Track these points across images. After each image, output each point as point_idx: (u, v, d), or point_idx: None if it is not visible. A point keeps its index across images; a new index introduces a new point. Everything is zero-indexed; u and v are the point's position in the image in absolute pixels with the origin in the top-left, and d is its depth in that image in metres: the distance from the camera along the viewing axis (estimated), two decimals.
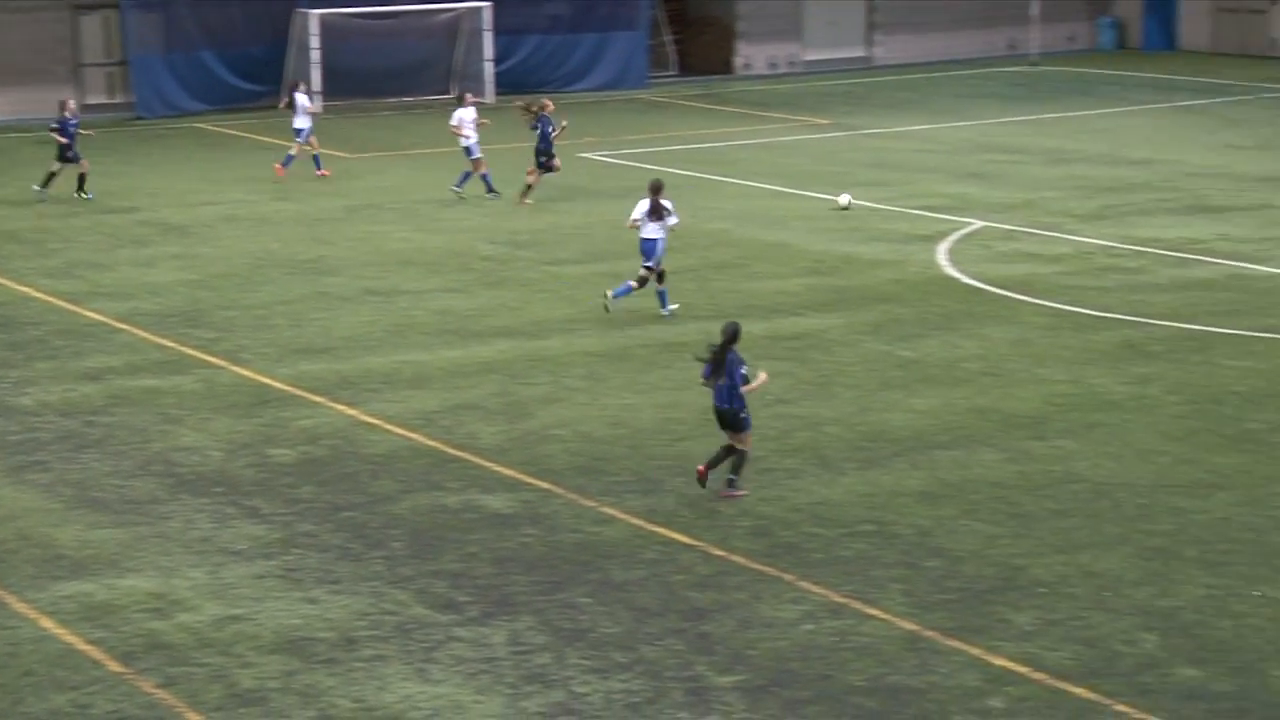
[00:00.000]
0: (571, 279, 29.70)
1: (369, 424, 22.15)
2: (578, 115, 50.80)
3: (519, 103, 38.26)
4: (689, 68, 59.85)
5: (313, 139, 39.85)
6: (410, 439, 21.52)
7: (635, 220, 27.05)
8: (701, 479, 19.23)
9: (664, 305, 27.10)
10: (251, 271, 30.63)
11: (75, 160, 37.08)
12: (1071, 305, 27.43)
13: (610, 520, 18.72)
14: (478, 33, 53.59)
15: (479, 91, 52.96)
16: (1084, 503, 18.92)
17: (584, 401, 22.92)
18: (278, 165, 39.70)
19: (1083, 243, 32.19)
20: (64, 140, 37.07)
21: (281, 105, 42.01)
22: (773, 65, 60.35)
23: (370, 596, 16.83)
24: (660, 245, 26.87)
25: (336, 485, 19.98)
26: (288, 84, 41.25)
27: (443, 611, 16.45)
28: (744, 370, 19.13)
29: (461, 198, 36.85)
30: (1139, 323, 26.36)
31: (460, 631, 16.01)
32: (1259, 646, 15.29)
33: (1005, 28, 63.15)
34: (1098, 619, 15.95)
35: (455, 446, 21.19)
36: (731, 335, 19.23)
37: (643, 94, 55.04)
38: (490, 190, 37.06)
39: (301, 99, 39.96)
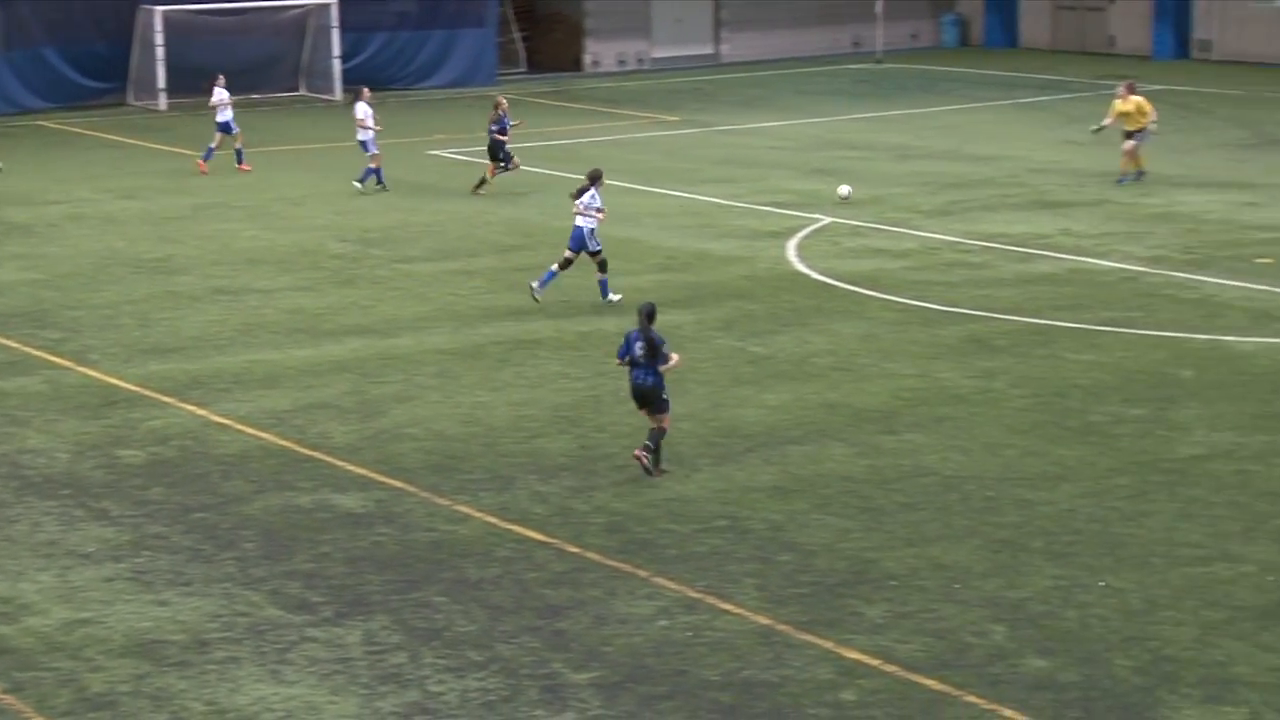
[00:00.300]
0: (423, 277, 29.61)
1: (220, 424, 21.95)
2: (427, 113, 50.65)
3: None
4: (538, 65, 59.87)
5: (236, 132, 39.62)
6: (262, 439, 21.36)
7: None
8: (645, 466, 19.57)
9: (604, 295, 27.49)
10: (97, 271, 30.23)
11: None
12: (919, 300, 27.76)
13: (464, 518, 18.70)
14: (325, 29, 53.24)
15: (328, 89, 52.69)
16: (933, 496, 19.17)
17: (437, 400, 22.87)
18: (200, 160, 39.49)
19: (929, 238, 32.59)
20: None
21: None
22: (621, 62, 60.51)
23: (222, 598, 16.69)
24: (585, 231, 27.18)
25: (187, 486, 19.79)
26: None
27: (296, 612, 16.35)
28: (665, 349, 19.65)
29: (362, 192, 36.73)
30: (984, 317, 26.73)
31: (314, 632, 15.92)
32: (1104, 636, 15.57)
33: (850, 25, 63.77)
34: (948, 611, 16.16)
35: (307, 446, 21.05)
36: (649, 315, 19.66)
37: (492, 91, 54.88)
38: (380, 183, 37.15)
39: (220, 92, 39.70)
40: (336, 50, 53.06)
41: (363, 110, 37.57)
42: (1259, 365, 24.00)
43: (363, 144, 37.54)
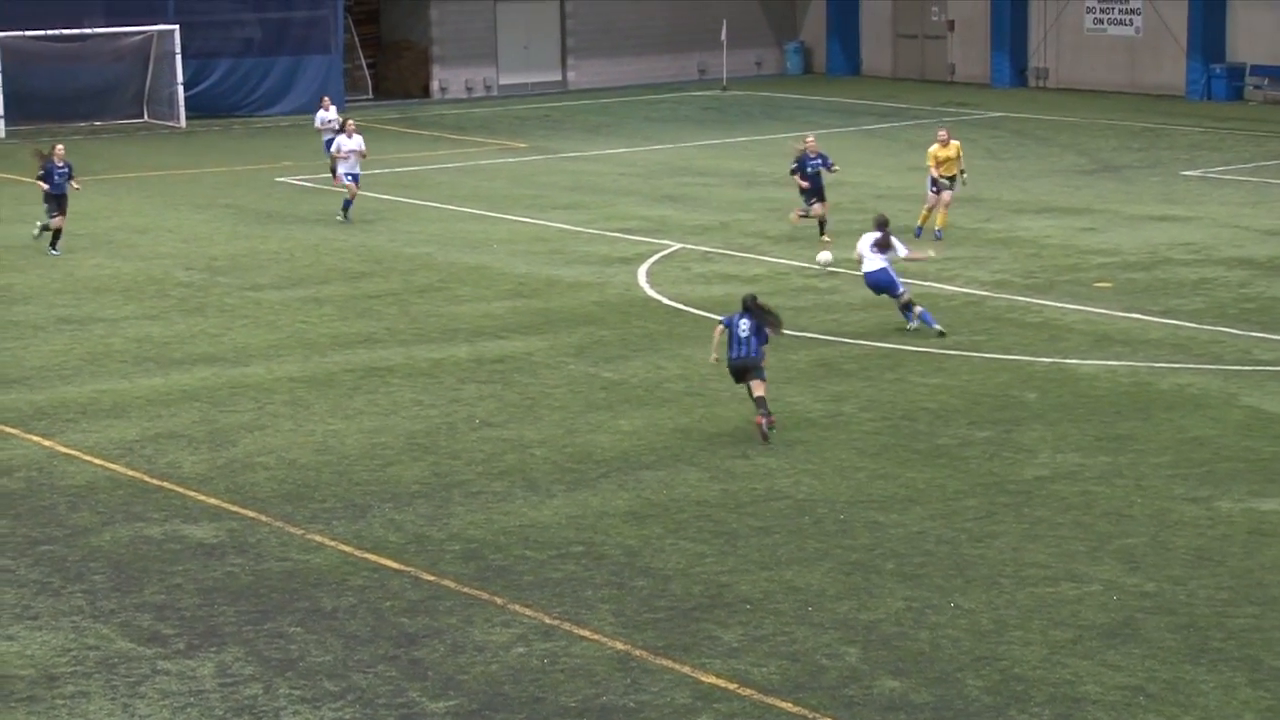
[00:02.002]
0: (271, 305, 29.40)
1: (66, 455, 21.65)
2: (273, 140, 50.30)
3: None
4: (385, 92, 59.71)
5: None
6: (110, 469, 21.09)
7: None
8: (764, 430, 21.64)
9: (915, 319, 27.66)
10: None
11: None
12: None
13: (318, 547, 18.58)
14: (168, 56, 52.73)
15: (172, 115, 52.16)
16: (786, 519, 19.33)
17: (289, 428, 22.71)
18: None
19: (777, 264, 32.87)
20: None
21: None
22: (469, 89, 60.48)
23: (71, 631, 16.46)
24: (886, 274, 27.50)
25: (33, 518, 19.50)
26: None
27: (147, 644, 16.16)
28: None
29: (343, 222, 36.36)
30: (833, 341, 27.00)
31: (166, 664, 15.74)
32: (955, 657, 15.78)
33: (696, 52, 64.21)
34: (802, 634, 16.30)
35: (157, 476, 20.82)
36: (754, 300, 22.12)
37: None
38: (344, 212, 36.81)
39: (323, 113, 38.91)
40: (180, 76, 52.56)
41: (359, 142, 37.13)
42: (1100, 387, 24.45)
43: (353, 176, 36.95)
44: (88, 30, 52.42)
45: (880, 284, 27.55)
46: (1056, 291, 30.39)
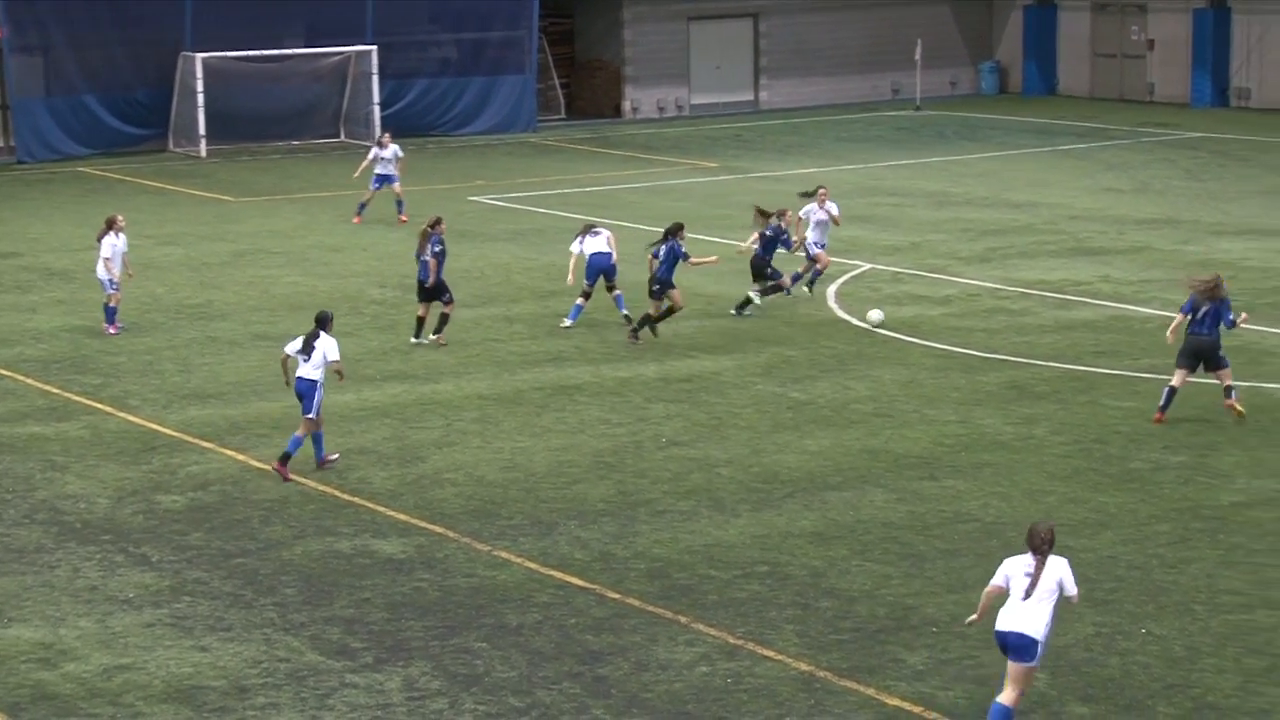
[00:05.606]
0: (462, 322, 29.65)
1: (260, 469, 22.00)
2: (467, 159, 50.84)
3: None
4: (577, 111, 60.04)
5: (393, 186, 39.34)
6: (302, 484, 21.40)
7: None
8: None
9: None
10: (138, 316, 30.35)
11: None
12: (959, 347, 27.71)
13: (504, 564, 18.69)
14: (365, 76, 53.51)
15: (368, 135, 52.95)
16: (974, 542, 19.10)
17: (477, 445, 22.89)
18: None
19: (968, 284, 32.55)
20: None
21: None
22: (661, 109, 60.65)
23: (262, 643, 16.70)
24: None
25: (227, 531, 19.83)
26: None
27: (336, 658, 16.35)
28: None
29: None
30: (1025, 364, 26.67)
31: (354, 678, 15.92)
32: (1146, 684, 15.48)
33: (889, 72, 63.80)
34: (989, 658, 16.07)
35: (347, 491, 21.09)
36: (1218, 284, 23.39)
37: (531, 137, 55.14)
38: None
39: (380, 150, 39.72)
40: (376, 97, 53.31)
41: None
42: None
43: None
44: (288, 51, 53.35)
45: (601, 266, 28.70)
46: (1256, 314, 29.71)
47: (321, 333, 21.64)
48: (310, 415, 21.51)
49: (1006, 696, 14.15)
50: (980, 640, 16.45)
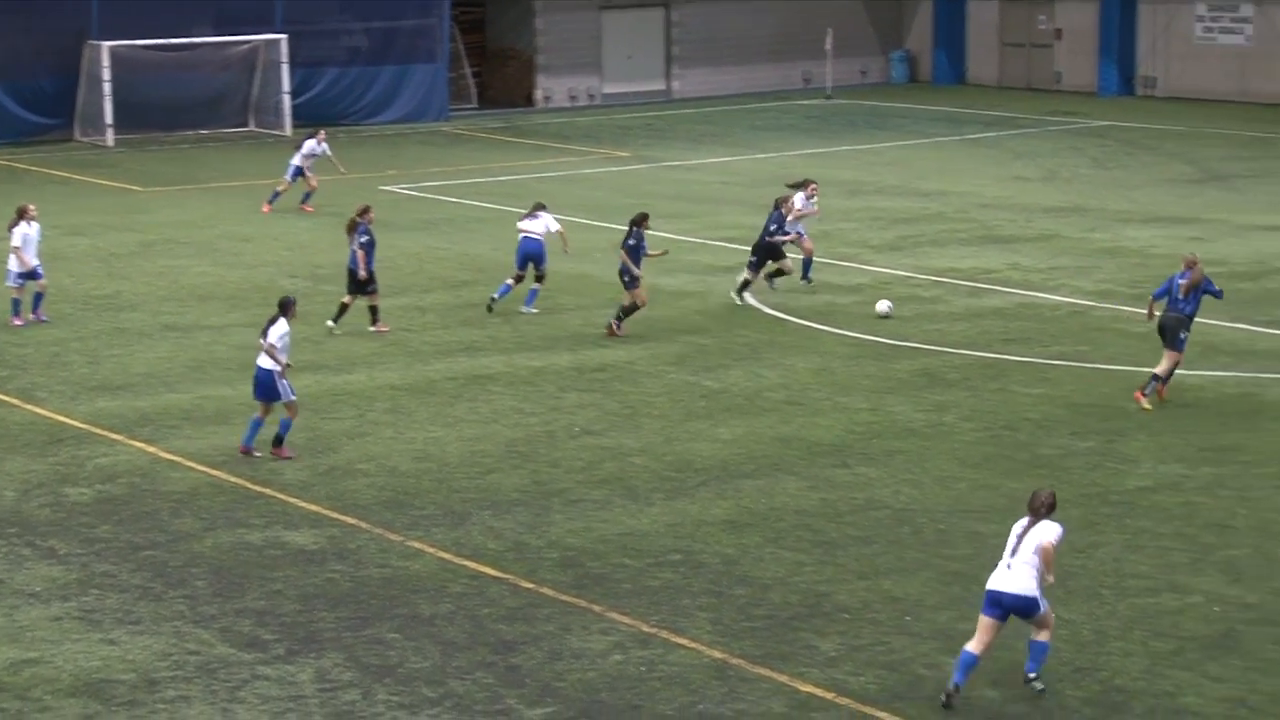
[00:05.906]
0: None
1: (169, 461, 21.85)
2: (378, 148, 50.63)
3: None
4: (489, 100, 59.89)
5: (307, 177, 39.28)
6: (212, 475, 21.27)
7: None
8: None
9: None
10: (45, 308, 30.04)
11: None
12: (871, 335, 27.85)
13: (417, 554, 18.65)
14: (275, 65, 53.15)
15: (278, 125, 52.63)
16: (885, 529, 19.21)
17: (389, 435, 22.82)
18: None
19: (880, 273, 32.71)
20: None
21: None
22: (573, 98, 60.61)
23: (172, 636, 16.60)
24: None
25: (136, 524, 19.69)
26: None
27: (247, 650, 16.27)
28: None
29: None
30: (936, 351, 26.84)
31: (265, 670, 15.84)
32: (1055, 667, 15.61)
33: (800, 61, 64.00)
34: (900, 643, 16.19)
35: (258, 483, 20.97)
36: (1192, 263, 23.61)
37: (443, 126, 54.97)
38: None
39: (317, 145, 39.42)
40: (286, 85, 52.97)
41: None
42: (1206, 398, 24.16)
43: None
44: (196, 40, 52.92)
45: (529, 251, 29.18)
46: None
47: (281, 318, 21.73)
48: (291, 399, 21.59)
49: (975, 645, 14.93)
50: (893, 626, 16.56)
